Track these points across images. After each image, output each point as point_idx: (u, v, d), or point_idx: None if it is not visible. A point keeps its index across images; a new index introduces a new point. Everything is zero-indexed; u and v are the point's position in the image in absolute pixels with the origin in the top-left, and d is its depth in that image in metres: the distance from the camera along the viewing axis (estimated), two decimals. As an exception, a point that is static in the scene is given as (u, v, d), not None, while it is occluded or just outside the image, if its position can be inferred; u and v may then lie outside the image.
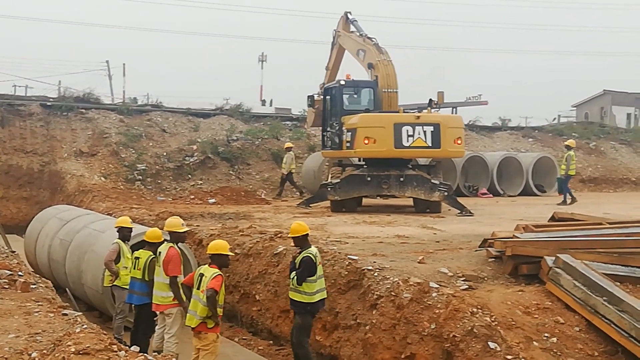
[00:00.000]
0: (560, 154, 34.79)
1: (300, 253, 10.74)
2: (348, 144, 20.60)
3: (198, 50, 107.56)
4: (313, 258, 10.59)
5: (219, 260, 9.97)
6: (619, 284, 10.46)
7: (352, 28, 24.16)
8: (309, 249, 10.73)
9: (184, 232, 11.65)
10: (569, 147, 24.98)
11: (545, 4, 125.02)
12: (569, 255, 10.79)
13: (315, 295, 10.64)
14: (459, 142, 20.73)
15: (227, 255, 10.11)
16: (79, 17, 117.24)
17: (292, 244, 11.31)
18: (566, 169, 24.31)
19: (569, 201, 23.71)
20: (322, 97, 23.91)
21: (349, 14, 24.47)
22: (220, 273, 9.84)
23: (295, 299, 10.74)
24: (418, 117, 20.39)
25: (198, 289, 9.81)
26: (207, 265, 9.99)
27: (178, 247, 11.50)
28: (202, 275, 9.85)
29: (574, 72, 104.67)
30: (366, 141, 19.87)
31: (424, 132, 19.99)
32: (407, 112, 21.91)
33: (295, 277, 10.60)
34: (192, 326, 9.85)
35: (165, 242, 11.50)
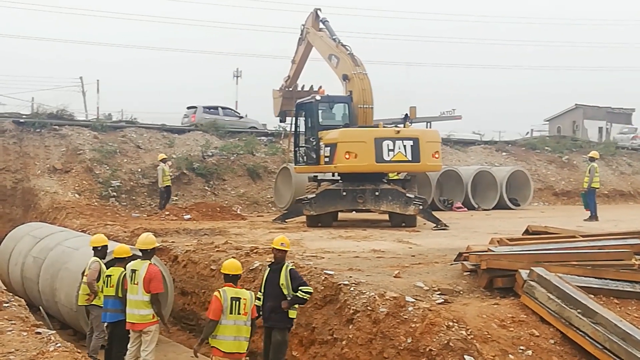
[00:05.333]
0: (534, 168, 35.23)
1: (280, 264, 10.64)
2: (327, 159, 20.61)
3: (173, 66, 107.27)
4: None
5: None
6: (592, 296, 10.57)
7: (322, 26, 23.91)
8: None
9: (154, 248, 11.56)
10: (592, 159, 23.75)
11: (517, 19, 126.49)
12: (543, 268, 10.88)
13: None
14: (437, 156, 20.87)
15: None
16: (52, 33, 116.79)
17: (272, 258, 11.18)
18: (589, 181, 23.18)
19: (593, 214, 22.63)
20: (286, 89, 25.20)
21: (319, 11, 24.16)
22: None
23: (290, 315, 10.66)
24: (398, 132, 20.48)
25: (237, 313, 9.64)
26: (237, 288, 9.83)
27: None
28: (239, 299, 9.67)
29: (546, 86, 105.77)
30: (347, 156, 19.89)
31: (404, 146, 20.09)
32: (386, 127, 21.99)
33: (307, 290, 10.55)
34: (242, 351, 9.80)
35: (139, 260, 11.38)
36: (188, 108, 37.83)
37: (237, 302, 9.60)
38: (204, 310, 14.67)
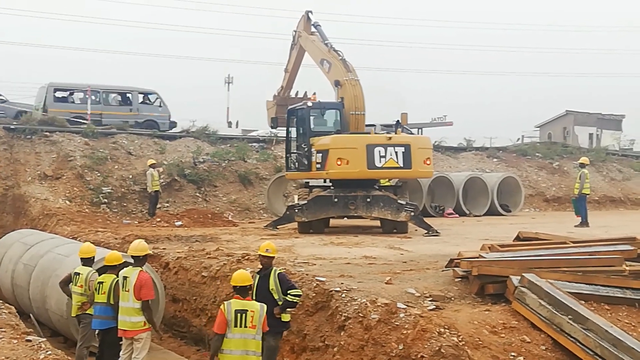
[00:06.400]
0: (525, 174, 35.30)
1: (268, 270, 10.61)
2: (318, 166, 20.63)
3: (164, 72, 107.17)
4: None
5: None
6: (583, 302, 10.61)
7: (314, 30, 23.84)
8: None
9: (146, 255, 11.51)
10: (582, 165, 23.78)
11: (508, 26, 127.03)
12: (534, 274, 10.92)
13: None
14: (428, 162, 20.93)
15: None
16: (42, 39, 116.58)
17: (260, 265, 11.18)
18: (580, 187, 23.09)
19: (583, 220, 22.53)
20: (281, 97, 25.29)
21: (310, 14, 24.04)
22: None
23: (283, 319, 10.61)
24: (390, 138, 20.52)
25: (244, 326, 9.13)
26: (245, 300, 9.38)
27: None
28: (245, 311, 9.18)
29: (536, 92, 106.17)
30: (339, 162, 19.92)
31: (396, 152, 20.13)
32: (377, 133, 22.04)
33: (296, 294, 10.50)
34: None
35: (131, 267, 11.35)
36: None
37: (244, 315, 9.11)
38: (195, 317, 14.71)
